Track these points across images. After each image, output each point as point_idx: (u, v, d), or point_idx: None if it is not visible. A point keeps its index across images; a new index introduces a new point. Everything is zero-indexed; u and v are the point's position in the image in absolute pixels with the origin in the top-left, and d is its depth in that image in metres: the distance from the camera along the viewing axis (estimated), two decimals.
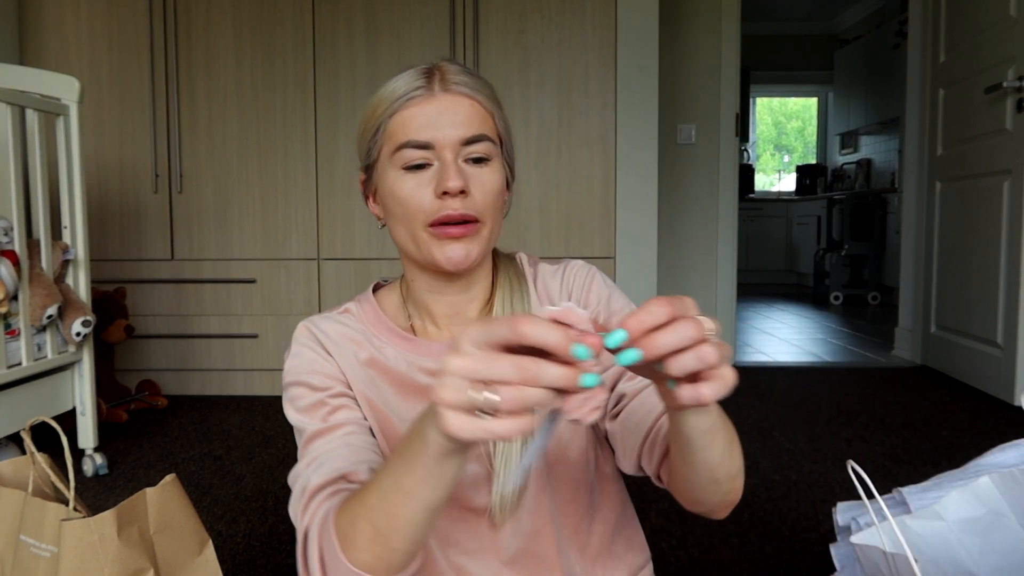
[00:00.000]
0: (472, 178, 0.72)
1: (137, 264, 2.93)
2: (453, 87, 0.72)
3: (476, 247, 0.73)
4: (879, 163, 6.67)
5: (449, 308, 0.79)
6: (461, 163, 0.72)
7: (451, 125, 0.71)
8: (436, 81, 0.73)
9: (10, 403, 1.85)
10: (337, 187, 2.92)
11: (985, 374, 2.89)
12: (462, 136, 0.71)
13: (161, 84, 2.89)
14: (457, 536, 0.77)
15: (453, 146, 0.71)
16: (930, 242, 3.38)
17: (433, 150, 0.71)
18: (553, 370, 0.42)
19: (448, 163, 0.71)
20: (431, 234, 0.72)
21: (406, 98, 0.72)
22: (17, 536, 0.89)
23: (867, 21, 6.73)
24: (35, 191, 1.97)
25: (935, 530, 0.76)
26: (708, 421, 0.56)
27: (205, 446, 2.31)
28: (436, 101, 0.72)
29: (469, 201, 0.71)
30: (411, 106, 0.72)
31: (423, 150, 0.71)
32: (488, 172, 0.73)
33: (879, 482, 0.74)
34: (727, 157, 3.54)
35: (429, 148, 0.71)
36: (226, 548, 1.59)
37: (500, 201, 0.76)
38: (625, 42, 2.86)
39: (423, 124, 0.71)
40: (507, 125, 0.78)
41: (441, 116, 0.71)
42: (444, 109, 0.72)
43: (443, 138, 0.71)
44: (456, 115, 0.72)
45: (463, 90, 0.72)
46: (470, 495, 0.77)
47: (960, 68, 3.10)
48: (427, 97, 0.72)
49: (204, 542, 0.95)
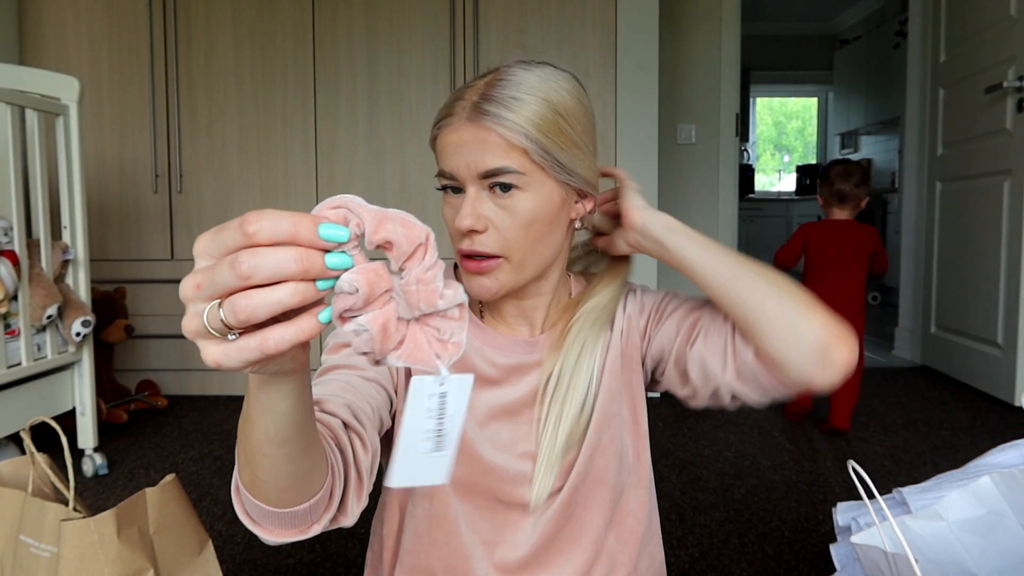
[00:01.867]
0: (495, 210, 0.70)
1: (137, 264, 2.93)
2: (480, 118, 0.69)
3: (503, 279, 0.73)
4: (879, 163, 6.66)
5: (516, 309, 0.80)
6: (486, 194, 0.70)
7: (470, 158, 0.69)
8: (462, 108, 0.71)
9: (10, 403, 1.85)
10: (337, 187, 2.92)
11: (985, 374, 2.89)
12: (481, 169, 0.69)
13: (161, 84, 2.89)
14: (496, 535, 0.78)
15: (473, 179, 0.70)
16: (930, 242, 3.38)
17: (458, 180, 0.71)
18: (272, 258, 0.34)
19: (468, 199, 0.70)
20: (462, 262, 0.74)
21: (439, 125, 0.73)
22: (17, 536, 0.89)
23: (867, 21, 6.73)
24: (35, 191, 1.97)
25: (935, 530, 0.76)
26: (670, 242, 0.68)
27: (205, 446, 2.31)
28: (460, 133, 0.70)
29: (486, 238, 0.70)
30: (442, 131, 0.72)
31: (450, 179, 0.72)
32: (515, 201, 0.70)
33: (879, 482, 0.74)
34: (727, 157, 3.54)
35: (454, 179, 0.71)
36: (226, 548, 1.59)
37: (540, 227, 0.72)
38: (625, 42, 2.86)
39: (448, 155, 0.71)
40: (569, 140, 0.72)
41: (462, 148, 0.70)
42: (465, 142, 0.70)
43: (464, 170, 0.70)
44: (476, 148, 0.69)
45: (487, 121, 0.69)
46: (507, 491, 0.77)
47: (960, 68, 3.10)
48: (454, 126, 0.71)
49: (204, 542, 0.95)
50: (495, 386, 0.78)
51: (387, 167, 2.91)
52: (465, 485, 0.77)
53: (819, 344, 0.66)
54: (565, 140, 0.71)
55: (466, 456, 0.77)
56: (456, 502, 0.78)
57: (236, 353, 0.36)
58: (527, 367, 0.79)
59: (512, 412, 0.78)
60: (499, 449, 0.77)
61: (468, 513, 0.78)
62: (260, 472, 0.52)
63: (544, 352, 0.79)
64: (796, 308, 0.67)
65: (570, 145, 0.72)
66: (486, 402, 0.78)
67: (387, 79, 2.89)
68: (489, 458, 0.77)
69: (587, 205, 0.78)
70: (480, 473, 0.77)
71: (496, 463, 0.77)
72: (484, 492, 0.78)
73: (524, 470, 0.77)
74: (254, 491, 0.54)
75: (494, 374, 0.78)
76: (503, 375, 0.78)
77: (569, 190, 0.74)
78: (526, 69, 0.72)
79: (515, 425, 0.78)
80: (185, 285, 0.36)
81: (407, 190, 2.92)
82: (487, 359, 0.78)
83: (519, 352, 0.79)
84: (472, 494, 0.78)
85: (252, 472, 0.53)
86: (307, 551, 1.59)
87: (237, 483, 0.56)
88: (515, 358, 0.79)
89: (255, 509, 0.56)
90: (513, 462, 0.77)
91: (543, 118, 0.69)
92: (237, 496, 0.57)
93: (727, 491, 1.91)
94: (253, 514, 0.57)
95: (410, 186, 2.92)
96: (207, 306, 0.36)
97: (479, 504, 0.78)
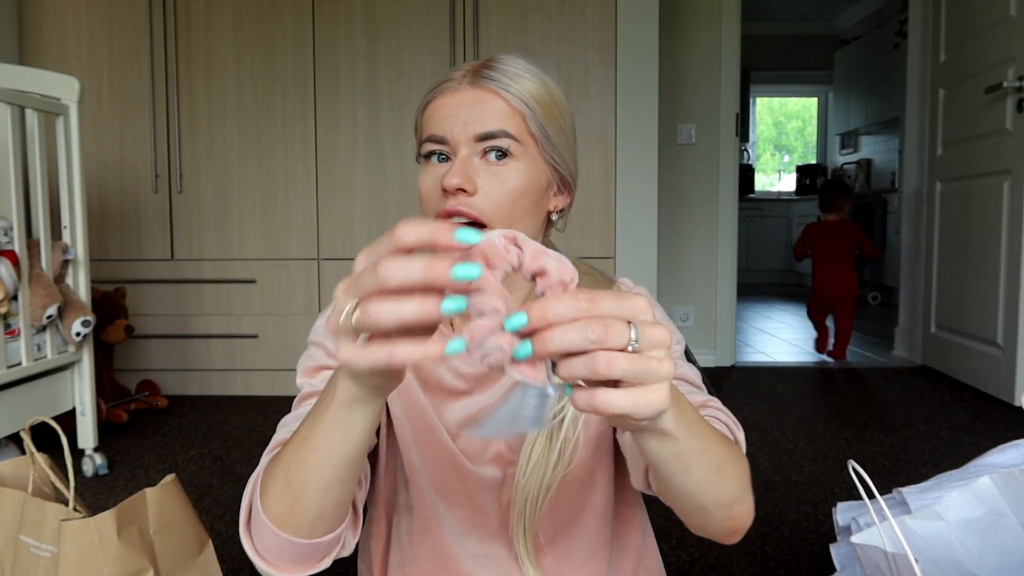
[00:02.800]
0: (486, 176, 0.68)
1: (137, 264, 2.93)
2: (482, 81, 0.69)
3: None
4: (879, 163, 6.67)
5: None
6: (477, 160, 0.69)
7: (468, 120, 0.68)
8: (462, 76, 0.70)
9: (10, 403, 1.85)
10: (337, 187, 2.92)
11: (985, 374, 2.89)
12: (477, 131, 0.68)
13: (161, 84, 2.89)
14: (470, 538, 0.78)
15: (467, 141, 0.68)
16: (930, 242, 3.38)
17: (448, 145, 0.69)
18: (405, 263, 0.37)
19: (458, 160, 0.68)
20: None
21: (435, 90, 0.71)
22: (17, 536, 0.89)
23: (867, 21, 6.73)
24: (35, 191, 1.97)
25: (935, 530, 0.76)
26: (670, 448, 0.49)
27: (205, 446, 2.31)
28: (459, 95, 0.69)
29: (473, 200, 0.68)
30: (437, 98, 0.71)
31: (440, 144, 0.70)
32: (507, 170, 0.69)
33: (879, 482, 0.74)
34: (727, 157, 3.54)
35: (445, 143, 0.69)
36: (226, 548, 1.59)
37: (526, 202, 0.71)
38: (625, 42, 2.86)
39: (443, 117, 0.69)
40: (560, 125, 0.73)
41: (460, 110, 0.69)
42: (464, 103, 0.69)
43: (458, 132, 0.68)
44: (476, 110, 0.68)
45: (490, 84, 0.69)
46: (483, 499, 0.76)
47: (960, 68, 3.10)
48: (453, 90, 0.70)
49: (204, 542, 0.95)
50: (463, 396, 0.76)
51: (387, 167, 2.91)
52: (445, 493, 0.77)
53: (735, 526, 0.62)
54: (557, 123, 0.72)
55: (444, 465, 0.76)
56: (441, 512, 0.77)
57: (366, 356, 0.40)
58: (495, 374, 0.76)
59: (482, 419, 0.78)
60: (471, 459, 0.76)
61: (453, 525, 0.77)
62: (307, 499, 0.53)
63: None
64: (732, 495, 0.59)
65: (560, 130, 0.73)
66: (456, 412, 0.76)
67: (387, 79, 2.89)
68: (465, 467, 0.76)
69: (566, 199, 0.77)
70: (458, 481, 0.76)
71: (471, 470, 0.76)
72: (463, 501, 0.77)
73: (496, 476, 0.76)
74: (289, 522, 0.54)
75: (462, 385, 0.76)
76: (471, 385, 0.76)
77: (553, 176, 0.74)
78: (522, 57, 0.73)
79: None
80: (338, 286, 0.41)
81: (407, 190, 2.92)
82: (452, 370, 0.76)
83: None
84: (454, 505, 0.77)
85: (294, 501, 0.53)
86: None
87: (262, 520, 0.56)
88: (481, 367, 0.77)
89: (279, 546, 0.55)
90: (486, 468, 0.76)
91: (541, 95, 0.71)
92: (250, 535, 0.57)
93: None
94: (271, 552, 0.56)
95: (410, 186, 2.92)
96: (349, 306, 0.40)
97: (462, 517, 0.77)
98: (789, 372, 3.41)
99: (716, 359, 3.55)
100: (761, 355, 3.87)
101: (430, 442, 0.76)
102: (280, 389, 2.94)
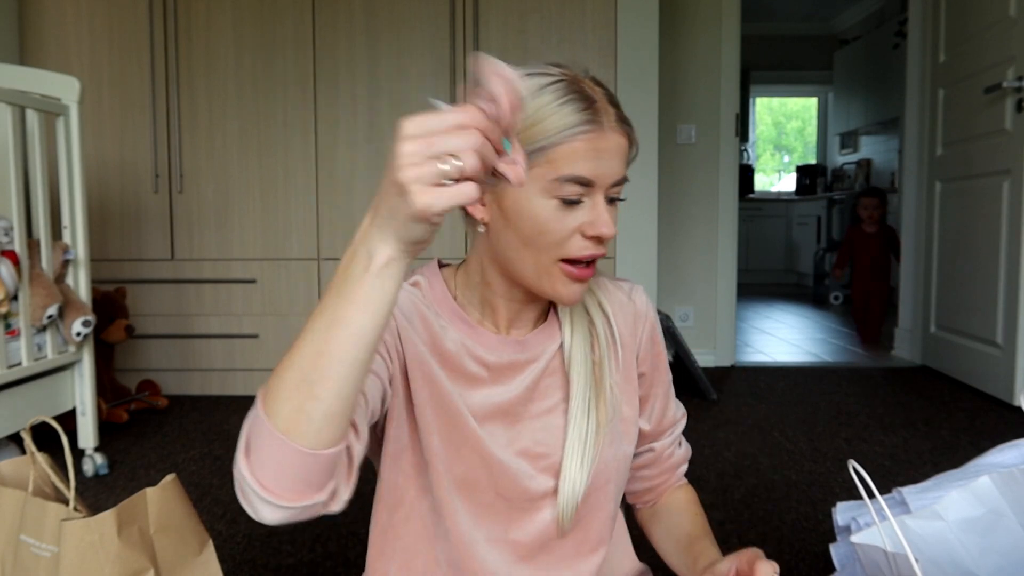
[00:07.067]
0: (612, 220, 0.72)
1: (137, 264, 2.93)
2: (623, 127, 0.71)
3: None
4: (879, 163, 6.66)
5: (512, 314, 0.79)
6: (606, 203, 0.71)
7: (612, 166, 0.70)
8: (603, 115, 0.70)
9: (10, 403, 1.85)
10: (337, 187, 2.92)
11: (985, 374, 2.89)
12: (616, 176, 0.70)
13: (161, 84, 2.89)
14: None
15: (605, 187, 0.70)
16: (929, 242, 3.38)
17: (591, 188, 0.70)
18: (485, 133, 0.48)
19: (601, 206, 0.70)
20: (561, 269, 0.71)
21: (580, 130, 0.68)
22: (17, 536, 0.89)
23: (867, 21, 6.73)
24: (35, 191, 1.97)
25: (935, 530, 0.76)
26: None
27: (205, 446, 2.31)
28: (607, 138, 0.69)
29: (604, 245, 0.71)
30: (590, 136, 0.68)
31: (585, 187, 0.69)
32: (618, 210, 0.74)
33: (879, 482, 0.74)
34: (727, 157, 3.54)
35: (590, 185, 0.69)
36: (226, 548, 1.59)
37: None
38: (625, 42, 2.86)
39: (592, 159, 0.68)
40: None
41: (607, 155, 0.69)
42: (611, 148, 0.69)
43: (603, 177, 0.69)
44: (618, 157, 0.70)
45: (624, 128, 0.71)
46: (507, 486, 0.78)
47: (960, 68, 3.11)
48: (599, 133, 0.69)
49: (204, 542, 0.95)
50: (485, 385, 0.78)
51: None
52: (467, 478, 0.78)
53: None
54: None
55: (470, 452, 0.77)
56: (459, 497, 0.78)
57: (449, 198, 0.48)
58: (519, 365, 0.79)
59: (506, 411, 0.78)
60: (498, 447, 0.78)
61: (471, 510, 0.78)
62: (323, 390, 0.52)
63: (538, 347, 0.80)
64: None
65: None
66: (478, 402, 0.78)
67: (387, 79, 2.89)
68: (492, 452, 0.77)
69: None
70: (481, 467, 0.77)
71: (497, 458, 0.78)
72: (486, 487, 0.78)
73: (522, 468, 0.78)
74: (297, 424, 0.53)
75: (484, 374, 0.78)
76: (492, 375, 0.78)
77: None
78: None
79: (508, 423, 0.78)
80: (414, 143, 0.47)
81: None
82: (475, 357, 0.78)
83: (509, 351, 0.79)
84: (475, 490, 0.78)
85: (309, 394, 0.52)
86: (307, 551, 1.59)
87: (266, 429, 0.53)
88: (506, 357, 0.79)
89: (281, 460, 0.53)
90: (513, 459, 0.78)
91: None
92: (248, 459, 0.55)
93: (727, 491, 1.92)
94: (270, 474, 0.54)
95: None
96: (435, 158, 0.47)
97: (483, 502, 0.78)
98: (789, 372, 3.41)
99: (716, 359, 3.56)
100: (761, 355, 3.87)
101: (456, 427, 0.77)
102: None
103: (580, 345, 0.80)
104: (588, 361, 0.79)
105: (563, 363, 0.80)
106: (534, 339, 0.80)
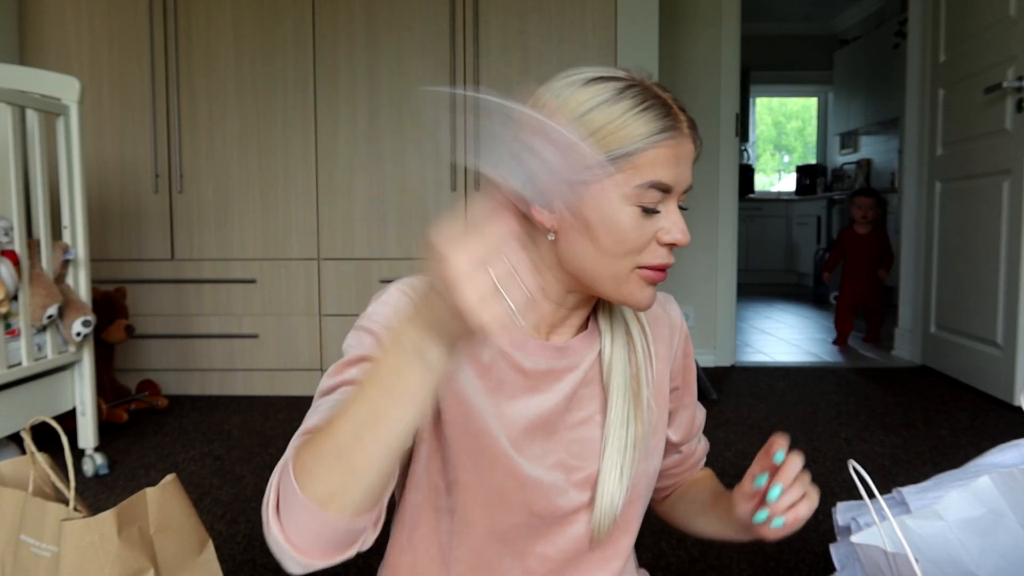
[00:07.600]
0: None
1: (137, 264, 2.93)
2: (695, 134, 0.71)
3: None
4: (879, 163, 6.66)
5: (558, 319, 0.77)
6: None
7: (686, 173, 0.70)
8: (680, 121, 0.69)
9: (10, 403, 1.85)
10: (337, 187, 2.92)
11: (985, 374, 2.89)
12: (688, 183, 0.71)
13: (161, 84, 2.89)
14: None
15: (680, 193, 0.70)
16: (930, 242, 3.38)
17: (668, 195, 0.70)
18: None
19: (677, 213, 0.70)
20: (639, 276, 0.70)
21: (663, 136, 0.67)
22: (17, 536, 0.89)
23: (867, 21, 6.73)
24: (35, 191, 1.97)
25: (935, 530, 0.76)
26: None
27: (205, 446, 2.31)
28: (684, 145, 0.69)
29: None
30: (669, 142, 0.68)
31: (664, 193, 0.69)
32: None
33: (879, 482, 0.74)
34: (727, 157, 3.54)
35: (668, 192, 0.69)
36: (226, 548, 1.59)
37: None
38: (625, 42, 2.86)
39: (671, 165, 0.68)
40: None
41: (683, 162, 0.69)
42: (686, 155, 0.70)
43: (680, 184, 0.70)
44: (689, 162, 0.71)
45: (695, 134, 0.71)
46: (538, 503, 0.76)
47: (960, 68, 3.11)
48: (679, 139, 0.69)
49: (204, 542, 0.95)
50: (525, 395, 0.75)
51: (387, 167, 2.92)
52: (496, 497, 0.75)
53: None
54: None
55: (501, 469, 0.74)
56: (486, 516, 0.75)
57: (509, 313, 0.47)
58: (557, 372, 0.76)
59: (545, 421, 0.75)
60: (531, 464, 0.75)
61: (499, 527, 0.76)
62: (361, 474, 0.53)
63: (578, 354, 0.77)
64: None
65: None
66: (518, 414, 0.74)
67: (387, 79, 2.89)
68: (524, 471, 0.74)
69: None
70: (515, 490, 0.75)
71: (531, 476, 0.74)
72: (517, 505, 0.75)
73: (557, 482, 0.75)
74: (336, 501, 0.54)
75: (522, 383, 0.75)
76: (532, 382, 0.75)
77: None
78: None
79: (546, 435, 0.76)
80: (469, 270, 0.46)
81: (407, 190, 2.92)
82: (510, 362, 0.74)
83: (548, 357, 0.76)
84: (505, 509, 0.75)
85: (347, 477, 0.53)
86: None
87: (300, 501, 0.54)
88: (543, 363, 0.75)
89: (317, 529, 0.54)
90: (546, 474, 0.75)
91: None
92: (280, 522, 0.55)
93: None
94: (305, 538, 0.55)
95: (410, 186, 2.92)
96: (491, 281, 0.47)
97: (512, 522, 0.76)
98: (789, 372, 3.41)
99: (716, 359, 3.56)
100: (761, 355, 3.87)
101: (484, 446, 0.74)
102: (280, 389, 2.95)
103: (620, 355, 0.78)
104: (627, 372, 0.78)
105: (600, 373, 0.78)
106: (576, 345, 0.77)
